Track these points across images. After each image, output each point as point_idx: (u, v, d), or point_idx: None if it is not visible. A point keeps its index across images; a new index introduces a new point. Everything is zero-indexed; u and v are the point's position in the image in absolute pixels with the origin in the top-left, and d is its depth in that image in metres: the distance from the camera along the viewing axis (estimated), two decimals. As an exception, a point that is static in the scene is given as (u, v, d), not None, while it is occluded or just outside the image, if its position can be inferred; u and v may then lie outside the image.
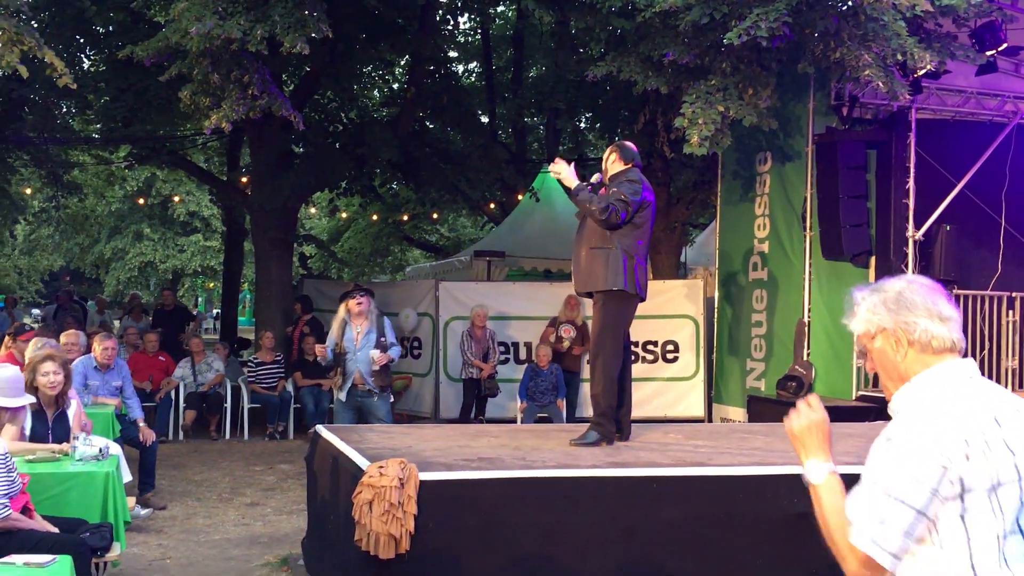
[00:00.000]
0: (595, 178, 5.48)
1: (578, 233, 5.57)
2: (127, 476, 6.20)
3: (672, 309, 11.44)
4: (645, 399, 11.07)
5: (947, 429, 1.97)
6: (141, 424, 7.63)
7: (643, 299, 5.49)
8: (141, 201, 27.33)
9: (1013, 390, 9.71)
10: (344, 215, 22.87)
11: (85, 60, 14.40)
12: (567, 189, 5.41)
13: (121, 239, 30.81)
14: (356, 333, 7.66)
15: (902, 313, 2.09)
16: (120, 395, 7.71)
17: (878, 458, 2.02)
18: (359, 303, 7.65)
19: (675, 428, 6.58)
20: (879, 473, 2.01)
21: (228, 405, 11.24)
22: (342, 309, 7.74)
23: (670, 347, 11.51)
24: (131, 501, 5.78)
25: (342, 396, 7.70)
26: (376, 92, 17.63)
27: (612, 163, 5.53)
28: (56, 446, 5.23)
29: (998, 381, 9.58)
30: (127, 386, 7.82)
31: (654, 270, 12.73)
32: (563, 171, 5.40)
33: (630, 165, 5.52)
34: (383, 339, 7.57)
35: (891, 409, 2.15)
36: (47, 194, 19.98)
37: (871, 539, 1.99)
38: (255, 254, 14.63)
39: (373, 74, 16.60)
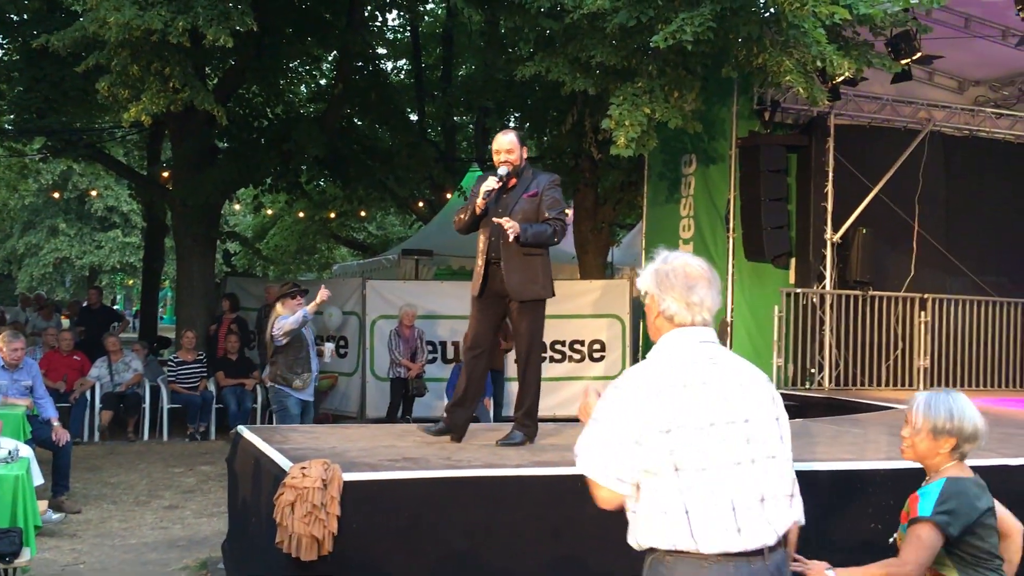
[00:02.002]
0: (502, 171, 5.38)
1: (505, 238, 5.38)
2: (39, 479, 6.00)
3: (599, 308, 11.55)
4: (571, 398, 11.13)
5: (656, 374, 2.37)
6: (55, 424, 7.38)
7: None
8: (56, 195, 26.47)
9: (926, 388, 10.03)
10: (270, 212, 22.49)
11: (-3, 48, 13.90)
12: (516, 237, 5.16)
13: (35, 234, 29.83)
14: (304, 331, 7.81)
15: (661, 288, 2.49)
16: (31, 395, 7.44)
17: (604, 399, 2.40)
18: (299, 303, 7.76)
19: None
20: (601, 411, 2.38)
21: (147, 405, 10.96)
22: (280, 308, 7.74)
23: (597, 346, 11.61)
24: (43, 505, 5.60)
25: (306, 394, 7.70)
26: (303, 87, 17.37)
27: (524, 158, 5.51)
28: (-38, 449, 5.03)
29: (911, 381, 9.89)
30: (38, 385, 7.56)
31: (582, 270, 12.83)
32: (511, 230, 5.15)
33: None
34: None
35: None
36: (-44, 187, 19.22)
37: (591, 464, 2.35)
38: (176, 251, 14.29)
39: (300, 69, 16.36)
